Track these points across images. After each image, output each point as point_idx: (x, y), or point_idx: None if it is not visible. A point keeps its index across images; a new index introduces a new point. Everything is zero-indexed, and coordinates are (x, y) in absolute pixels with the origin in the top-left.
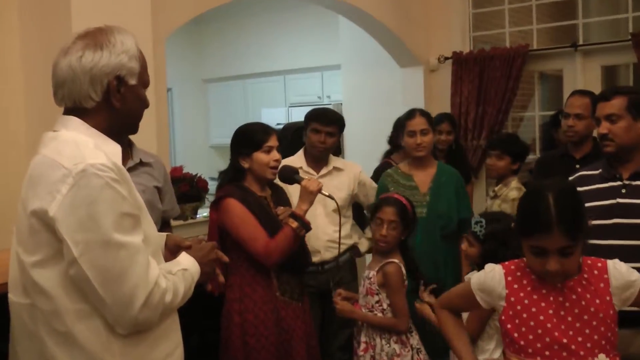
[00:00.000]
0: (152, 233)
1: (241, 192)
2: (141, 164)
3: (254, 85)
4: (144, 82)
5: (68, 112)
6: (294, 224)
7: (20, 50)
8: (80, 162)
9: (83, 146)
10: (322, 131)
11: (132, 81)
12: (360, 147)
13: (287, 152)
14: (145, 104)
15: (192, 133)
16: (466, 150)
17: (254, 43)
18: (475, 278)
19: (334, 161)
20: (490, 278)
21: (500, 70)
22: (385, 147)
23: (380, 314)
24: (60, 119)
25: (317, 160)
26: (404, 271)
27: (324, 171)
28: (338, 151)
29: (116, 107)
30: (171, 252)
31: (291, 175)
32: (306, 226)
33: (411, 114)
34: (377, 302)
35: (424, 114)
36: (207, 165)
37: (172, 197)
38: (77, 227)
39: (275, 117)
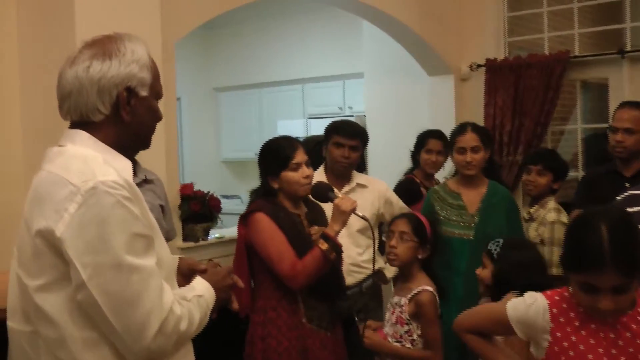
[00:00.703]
0: (166, 255)
1: (272, 207)
2: (146, 181)
3: (270, 94)
4: (156, 93)
5: (74, 125)
6: (324, 246)
7: (18, 58)
8: (89, 179)
9: (92, 162)
10: (345, 145)
11: (143, 92)
12: (384, 162)
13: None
14: (157, 117)
15: (201, 146)
16: (501, 167)
17: (270, 49)
18: (513, 309)
19: (358, 177)
20: (533, 311)
21: (538, 79)
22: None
23: (409, 345)
24: (66, 133)
25: (340, 177)
26: (437, 299)
27: (346, 188)
28: (362, 167)
29: (126, 120)
30: (184, 276)
31: (325, 193)
32: (337, 248)
33: (462, 128)
34: (406, 332)
35: (476, 129)
36: (219, 181)
37: (172, 216)
38: (85, 249)
39: (293, 129)
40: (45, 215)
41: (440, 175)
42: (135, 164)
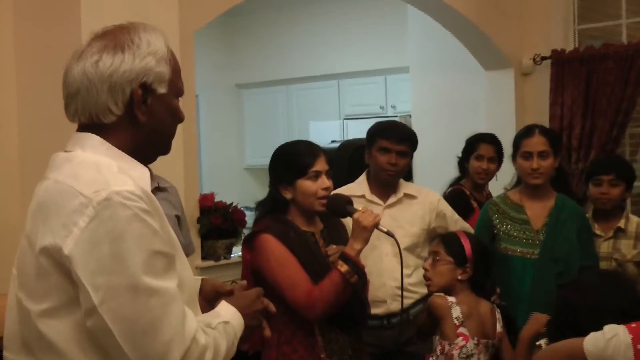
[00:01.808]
0: (188, 276)
1: (281, 226)
2: (159, 189)
3: (300, 92)
4: (176, 90)
5: (84, 128)
6: (343, 267)
7: (14, 52)
8: (102, 189)
9: (105, 170)
10: (392, 150)
11: (162, 89)
12: (432, 170)
13: (344, 177)
14: (178, 117)
15: (223, 151)
16: (570, 176)
17: (301, 40)
18: (591, 344)
19: (405, 187)
20: (613, 346)
21: (614, 73)
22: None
23: None
24: (74, 136)
25: (385, 187)
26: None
27: (392, 200)
28: (408, 175)
29: (142, 121)
30: (207, 300)
31: (342, 206)
32: (359, 270)
33: (529, 131)
34: None
35: (545, 132)
36: (242, 191)
37: (189, 229)
38: (98, 269)
39: (327, 132)
40: (51, 231)
41: (494, 188)
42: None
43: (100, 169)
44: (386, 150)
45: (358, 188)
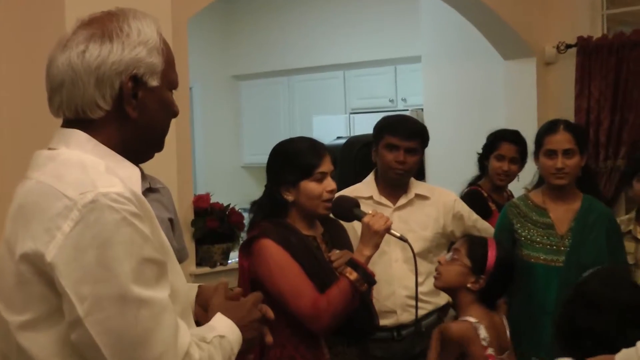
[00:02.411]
0: (181, 286)
1: (281, 230)
2: (150, 190)
3: (303, 84)
4: (169, 82)
5: (69, 124)
6: (353, 275)
7: None
8: (88, 191)
9: (92, 169)
10: (400, 147)
11: (154, 82)
12: (445, 168)
13: (351, 176)
14: (172, 112)
15: (219, 148)
16: (597, 175)
17: (303, 27)
18: None
19: (417, 187)
20: None
21: None
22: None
23: None
24: (59, 133)
25: (394, 187)
26: (482, 333)
27: (402, 201)
28: (420, 174)
29: (132, 117)
30: (205, 309)
31: (349, 209)
32: (369, 278)
33: (552, 126)
34: None
35: (570, 127)
36: (240, 191)
37: (182, 233)
38: (83, 277)
39: (332, 127)
40: (32, 236)
41: (516, 188)
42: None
43: (86, 169)
44: (394, 147)
45: (365, 189)
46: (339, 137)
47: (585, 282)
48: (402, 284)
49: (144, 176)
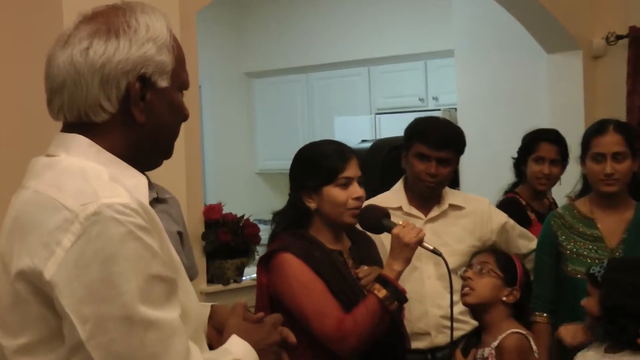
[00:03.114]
0: (192, 305)
1: (304, 243)
2: (158, 200)
3: (323, 82)
4: (180, 82)
5: (70, 128)
6: (381, 292)
7: None
8: (91, 201)
9: (94, 178)
10: (431, 157)
11: (163, 82)
12: (483, 173)
13: (377, 184)
14: (182, 116)
15: (231, 153)
16: None
17: (322, 20)
18: None
19: (451, 196)
20: None
21: None
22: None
23: None
24: (58, 138)
25: (425, 197)
26: (533, 345)
27: (435, 212)
28: (455, 181)
29: (139, 120)
30: (219, 330)
31: (378, 220)
32: (400, 295)
33: (601, 127)
34: None
35: (621, 128)
36: (255, 201)
37: (192, 248)
38: (85, 297)
39: (356, 129)
40: (29, 251)
41: (558, 194)
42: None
43: (88, 177)
44: (424, 158)
45: (394, 198)
46: (363, 141)
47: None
48: (435, 303)
49: (150, 185)
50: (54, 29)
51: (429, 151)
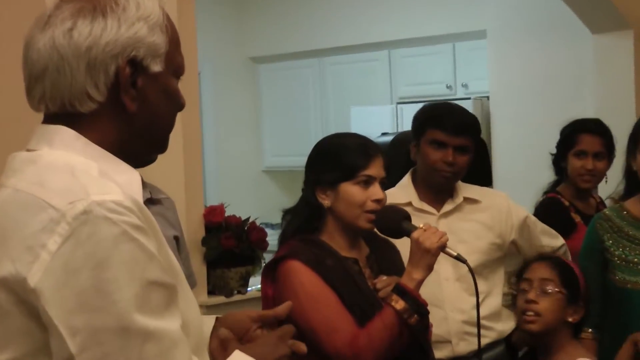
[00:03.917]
0: (193, 316)
1: (314, 250)
2: (151, 201)
3: (337, 67)
4: (175, 67)
5: (52, 119)
6: (399, 304)
7: None
8: (79, 199)
9: (83, 173)
10: (448, 144)
11: (156, 67)
12: (519, 171)
13: (398, 179)
14: (178, 104)
15: (234, 148)
16: None
17: None
18: None
19: (465, 189)
20: None
21: None
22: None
23: None
24: (40, 130)
25: (438, 191)
26: None
27: (448, 207)
28: (488, 180)
29: (130, 109)
30: (223, 344)
31: (397, 222)
32: (420, 307)
33: None
34: None
35: None
36: (261, 202)
37: (189, 254)
38: (75, 306)
39: (374, 121)
40: (11, 256)
41: (605, 191)
42: None
43: (76, 173)
44: (440, 145)
45: (401, 193)
46: (383, 134)
47: None
48: (455, 307)
49: (143, 184)
50: (33, 8)
51: (446, 137)
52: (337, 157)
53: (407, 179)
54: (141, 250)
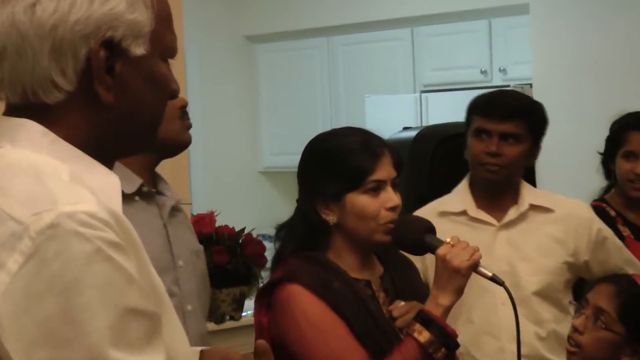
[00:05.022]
0: (180, 349)
1: (318, 271)
2: (176, 209)
3: (350, 48)
4: (164, 48)
5: (15, 111)
6: (423, 336)
7: None
8: (45, 210)
9: (50, 177)
10: (492, 133)
11: (138, 49)
12: (567, 172)
13: (424, 185)
14: (168, 91)
15: (226, 145)
16: None
17: None
18: None
19: (532, 195)
20: None
21: None
22: None
23: None
24: (1, 124)
25: (497, 196)
26: None
27: (511, 215)
28: (530, 182)
29: (106, 101)
30: None
31: (418, 236)
32: (448, 339)
33: None
34: None
35: None
36: (258, 209)
37: None
38: (38, 338)
39: (394, 113)
40: None
41: None
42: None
43: (42, 177)
44: (483, 134)
45: (456, 200)
46: (405, 128)
47: None
48: (514, 337)
49: (165, 188)
50: None
51: (489, 124)
52: (337, 163)
53: (463, 185)
54: (118, 271)
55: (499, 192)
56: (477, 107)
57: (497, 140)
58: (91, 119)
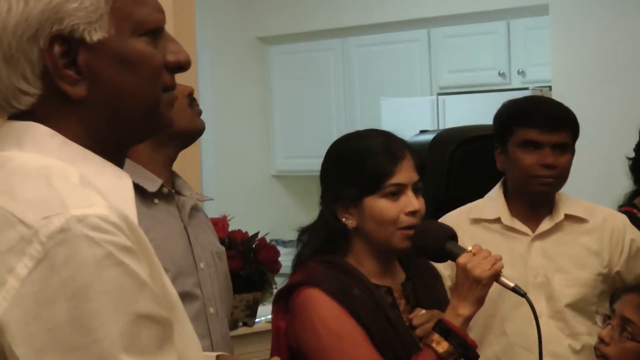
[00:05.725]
0: (193, 356)
1: (339, 276)
2: (197, 209)
3: (365, 50)
4: (135, 23)
5: (17, 115)
6: (442, 346)
7: None
8: (56, 214)
9: (60, 181)
10: (544, 144)
11: (96, 34)
12: (590, 178)
13: (442, 190)
14: (151, 66)
15: (239, 149)
16: None
17: None
18: None
19: (567, 204)
20: None
21: None
22: None
23: None
24: (6, 127)
25: (534, 205)
26: None
27: (546, 225)
28: None
29: (77, 95)
30: None
31: (439, 242)
32: (468, 350)
33: None
34: None
35: None
36: (271, 214)
37: None
38: (48, 344)
39: (411, 116)
40: None
41: None
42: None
43: (52, 180)
44: (535, 146)
45: (490, 207)
46: (422, 132)
47: None
48: (550, 351)
49: (184, 188)
50: None
51: (540, 135)
52: (355, 166)
53: (497, 191)
54: (130, 277)
55: (541, 203)
56: (520, 117)
57: (550, 151)
58: (78, 116)
